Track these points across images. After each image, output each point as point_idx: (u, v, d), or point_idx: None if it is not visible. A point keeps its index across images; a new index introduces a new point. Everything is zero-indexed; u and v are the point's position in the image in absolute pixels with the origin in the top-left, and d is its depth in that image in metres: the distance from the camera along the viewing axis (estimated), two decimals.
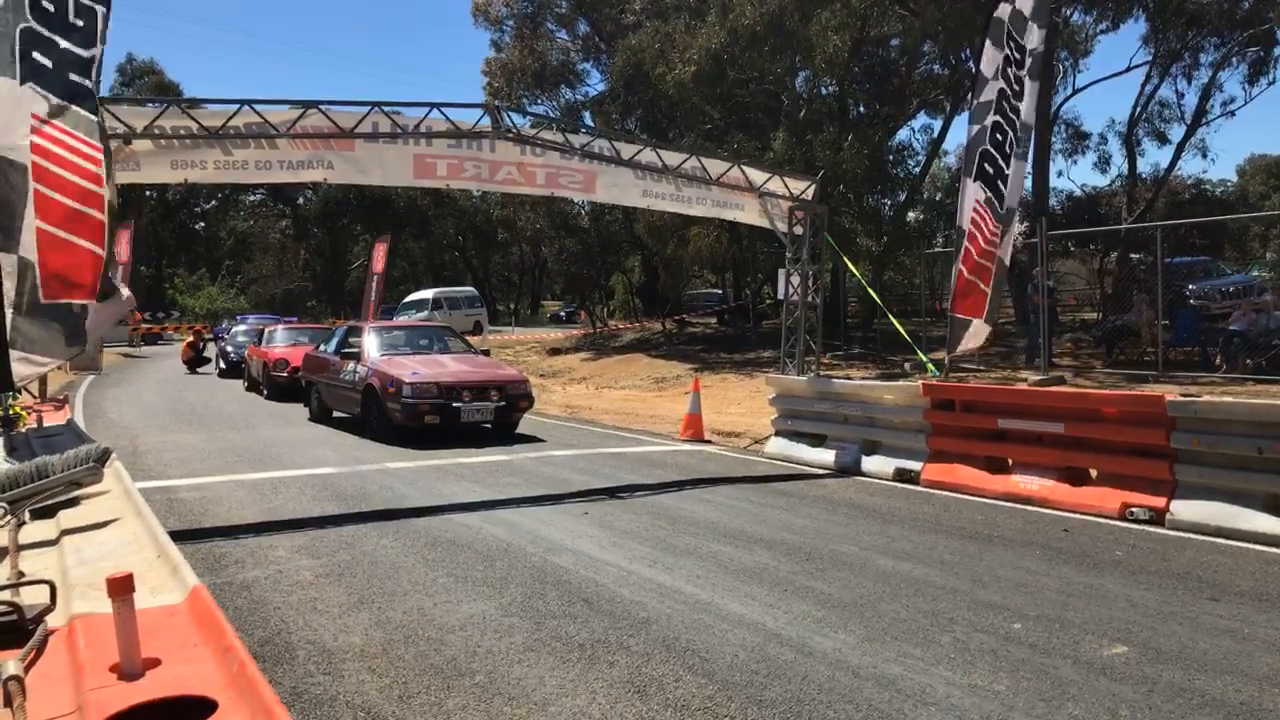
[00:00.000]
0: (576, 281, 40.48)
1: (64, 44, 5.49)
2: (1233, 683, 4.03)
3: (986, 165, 10.34)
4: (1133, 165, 27.27)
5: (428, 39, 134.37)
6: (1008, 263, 10.77)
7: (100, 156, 5.62)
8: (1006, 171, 10.38)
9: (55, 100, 5.41)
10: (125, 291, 6.41)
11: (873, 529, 7.17)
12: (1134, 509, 7.26)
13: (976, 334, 10.65)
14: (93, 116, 5.61)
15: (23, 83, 5.29)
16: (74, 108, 5.51)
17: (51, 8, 5.39)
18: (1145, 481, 7.37)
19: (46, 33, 5.39)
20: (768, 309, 33.38)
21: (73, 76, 5.52)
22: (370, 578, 5.72)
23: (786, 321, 12.48)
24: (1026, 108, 10.61)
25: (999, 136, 10.34)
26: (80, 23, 5.58)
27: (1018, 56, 10.41)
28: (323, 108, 8.60)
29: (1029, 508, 7.86)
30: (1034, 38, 10.58)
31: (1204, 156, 30.09)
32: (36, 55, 5.34)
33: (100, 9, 5.71)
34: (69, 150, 5.47)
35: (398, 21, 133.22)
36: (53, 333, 5.70)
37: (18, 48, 5.27)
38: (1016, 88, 10.43)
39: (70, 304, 5.62)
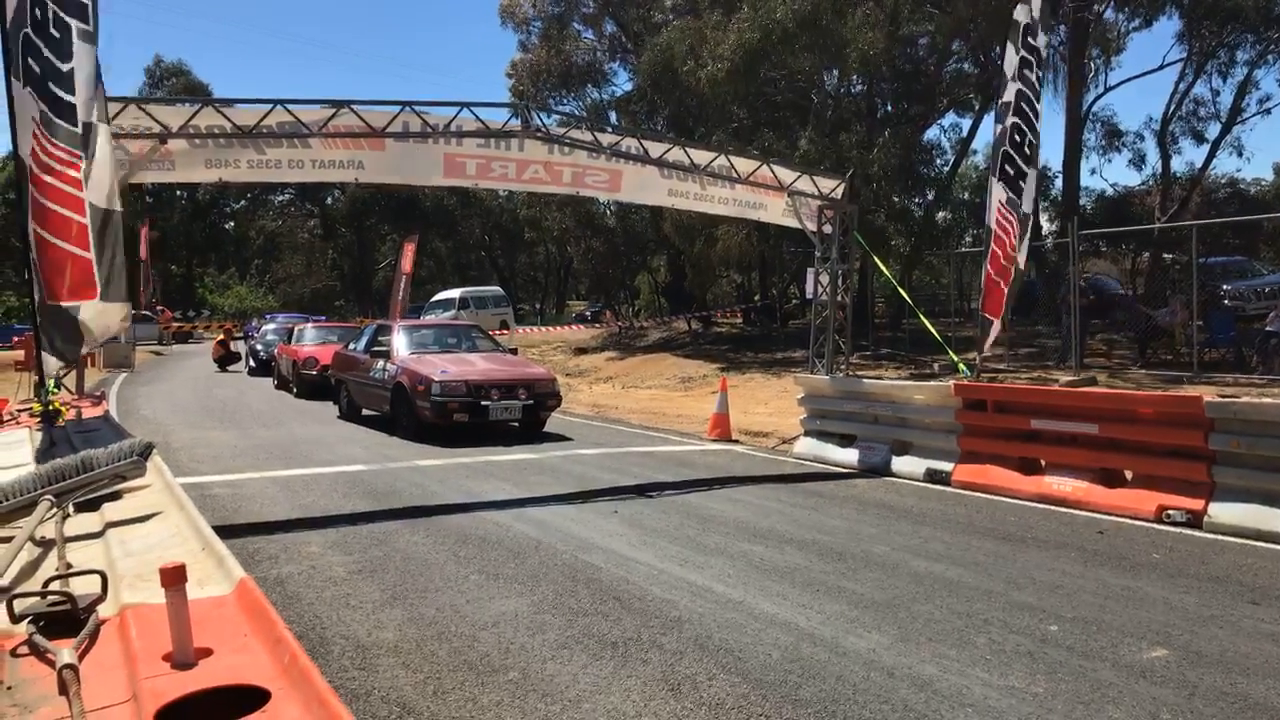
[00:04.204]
0: (602, 281, 40.52)
1: (46, 52, 5.57)
2: (1276, 686, 3.97)
3: (1007, 166, 10.35)
4: (1166, 164, 26.95)
5: (450, 40, 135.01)
6: (1022, 265, 10.78)
7: (80, 163, 5.68)
8: (1026, 172, 10.34)
9: (42, 106, 5.50)
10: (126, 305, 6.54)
11: (905, 529, 7.12)
12: (1171, 511, 7.16)
13: (996, 334, 10.66)
14: (72, 128, 5.68)
15: (24, 86, 5.39)
16: (54, 118, 5.60)
17: (40, 15, 5.47)
18: (1182, 483, 7.27)
19: (36, 39, 5.46)
20: (794, 308, 33.26)
21: (52, 86, 5.60)
22: (402, 574, 5.75)
23: (815, 321, 12.43)
24: (1040, 107, 10.60)
25: (1017, 138, 10.35)
26: (57, 34, 5.65)
27: (1032, 59, 10.39)
28: (354, 107, 8.64)
29: (1063, 509, 7.78)
30: (1041, 41, 10.57)
31: (1239, 155, 29.62)
32: (30, 60, 5.43)
33: (75, 23, 5.76)
34: (53, 158, 5.57)
35: (418, 22, 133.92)
36: (58, 333, 5.82)
37: (19, 52, 5.36)
38: (1037, 88, 10.41)
39: (61, 306, 5.72)
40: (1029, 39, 10.35)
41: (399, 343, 13.63)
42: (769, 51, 21.13)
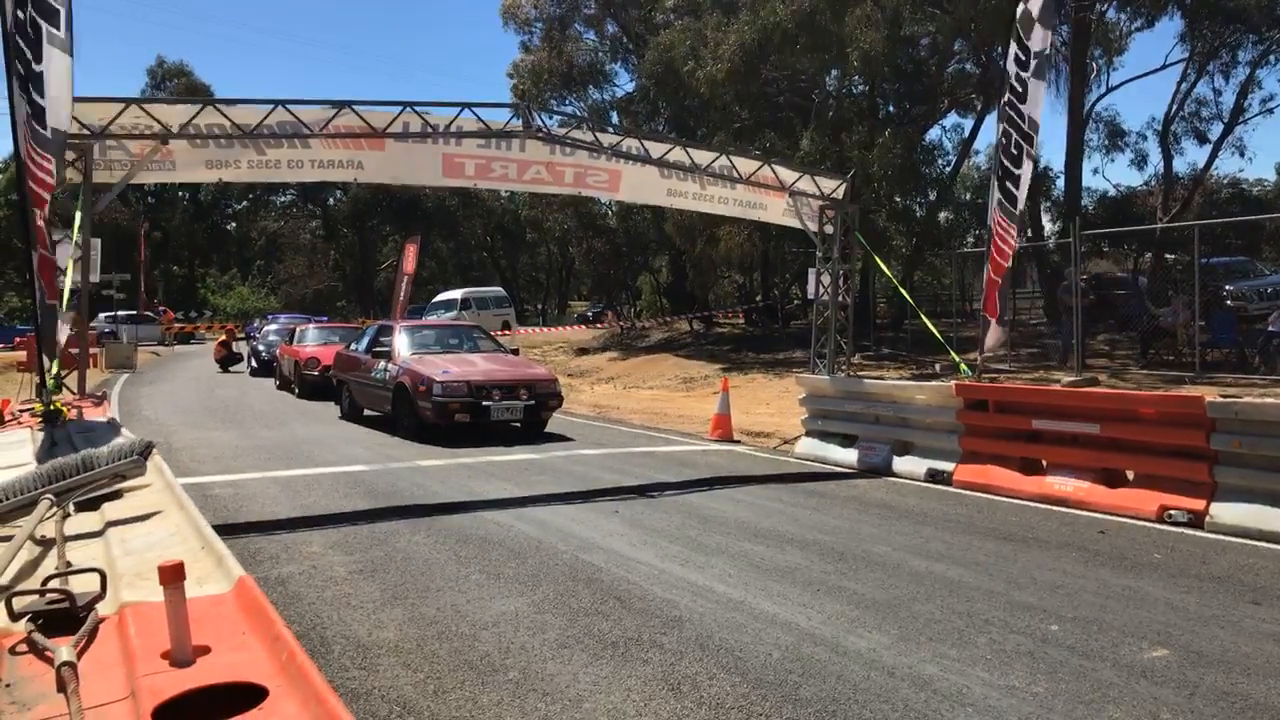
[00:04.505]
0: (604, 281, 40.55)
1: (29, 55, 5.63)
2: (1276, 687, 3.96)
3: (999, 167, 10.40)
4: (1168, 164, 26.90)
5: (450, 41, 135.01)
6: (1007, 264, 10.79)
7: (46, 177, 5.75)
8: (1016, 172, 10.36)
9: (26, 108, 5.56)
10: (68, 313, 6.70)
11: (906, 529, 7.11)
12: (1172, 511, 7.16)
13: (995, 334, 10.66)
14: (44, 131, 5.75)
15: (20, 91, 5.44)
16: (33, 121, 5.67)
17: (20, 15, 5.52)
18: (1184, 483, 7.26)
19: (20, 44, 5.52)
20: (796, 309, 33.27)
21: (30, 87, 5.67)
22: (403, 574, 5.75)
23: (817, 321, 12.43)
24: (1030, 108, 10.58)
25: (1004, 140, 10.40)
26: (32, 35, 5.71)
27: (1023, 58, 10.40)
28: (355, 108, 8.65)
29: (1064, 509, 7.77)
30: (1038, 40, 10.53)
31: (1241, 155, 29.48)
32: (17, 64, 5.48)
33: (46, 26, 5.81)
34: (36, 159, 5.64)
35: (420, 24, 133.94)
36: (54, 333, 5.90)
37: (11, 56, 5.40)
38: (1020, 89, 10.43)
39: (51, 305, 5.82)
40: (1022, 37, 10.36)
41: (400, 343, 13.63)
42: (769, 52, 21.13)
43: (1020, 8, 10.33)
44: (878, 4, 20.50)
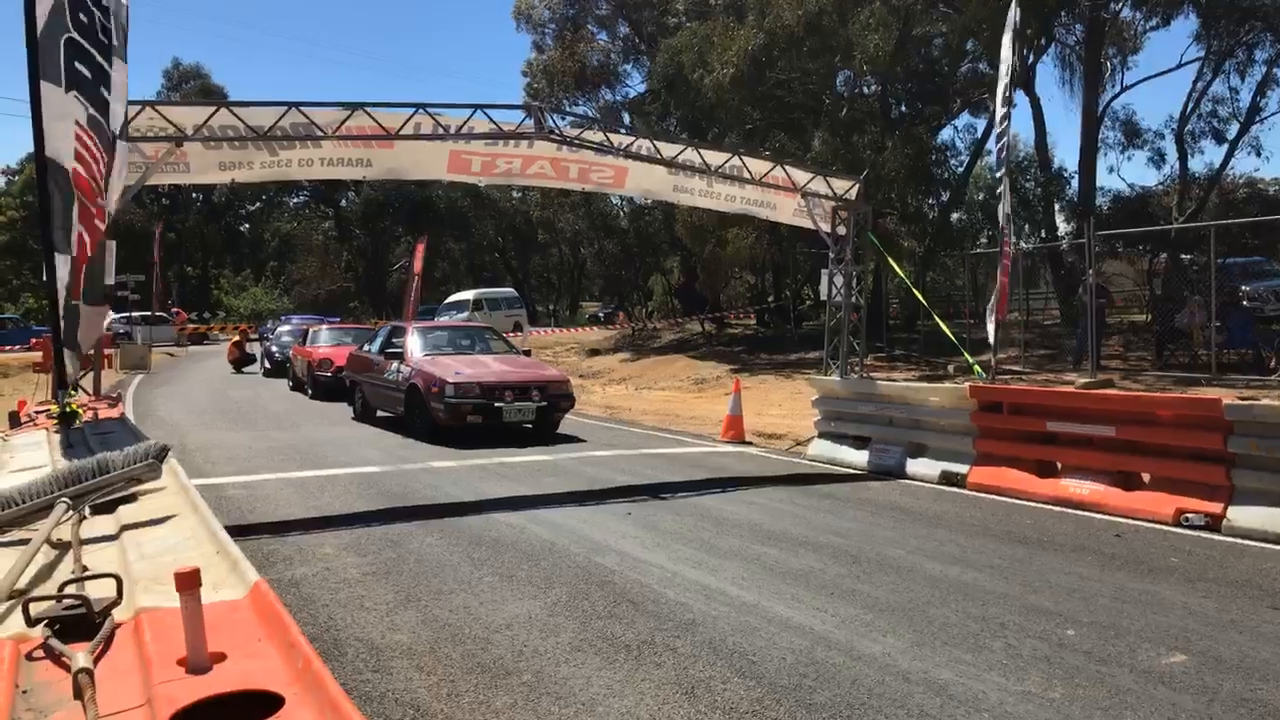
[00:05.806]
0: (615, 282, 40.54)
1: (99, 58, 5.66)
2: None
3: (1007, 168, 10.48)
4: (1184, 163, 26.66)
5: (453, 40, 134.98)
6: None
7: (103, 171, 5.78)
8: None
9: (90, 111, 5.58)
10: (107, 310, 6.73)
11: (920, 532, 7.08)
12: (1189, 515, 7.10)
13: (992, 335, 10.69)
14: (110, 131, 5.78)
15: (67, 90, 5.46)
16: (101, 120, 5.69)
17: (86, 20, 5.55)
18: (1201, 486, 7.20)
19: (85, 44, 5.54)
20: (808, 310, 33.19)
21: (101, 90, 5.70)
22: (416, 576, 5.75)
23: (829, 322, 12.39)
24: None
25: (1009, 141, 10.45)
26: (105, 40, 5.75)
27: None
28: (368, 109, 8.67)
29: (1079, 512, 7.72)
30: (1006, 53, 10.60)
31: (1258, 155, 29.10)
32: (78, 65, 5.50)
33: (115, 32, 5.84)
34: (94, 160, 5.66)
35: (422, 23, 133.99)
36: (77, 332, 5.93)
37: (62, 57, 5.42)
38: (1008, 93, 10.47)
39: (75, 305, 5.85)
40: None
41: (413, 344, 13.65)
42: (776, 56, 21.08)
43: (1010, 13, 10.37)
44: (885, 4, 20.42)
